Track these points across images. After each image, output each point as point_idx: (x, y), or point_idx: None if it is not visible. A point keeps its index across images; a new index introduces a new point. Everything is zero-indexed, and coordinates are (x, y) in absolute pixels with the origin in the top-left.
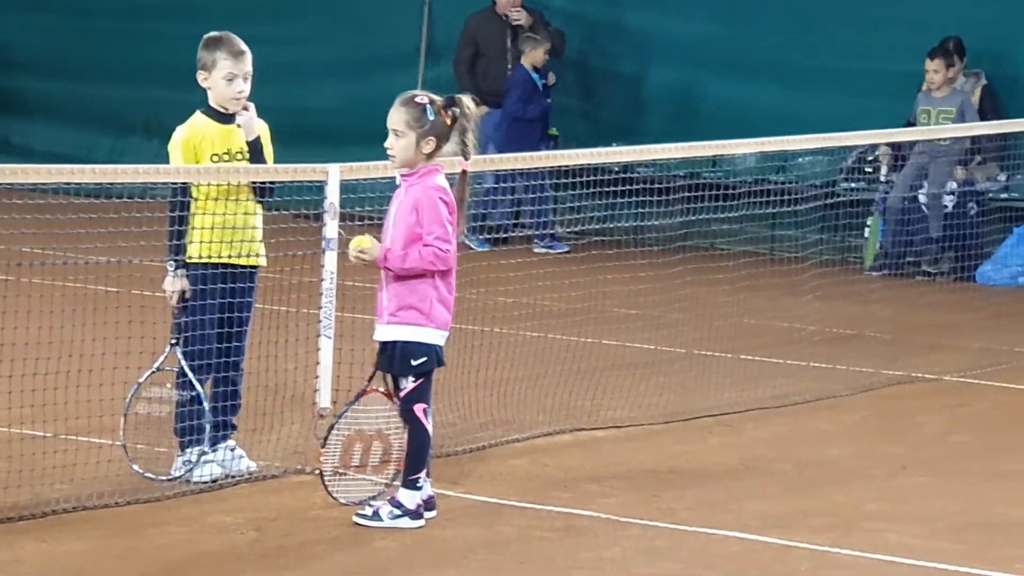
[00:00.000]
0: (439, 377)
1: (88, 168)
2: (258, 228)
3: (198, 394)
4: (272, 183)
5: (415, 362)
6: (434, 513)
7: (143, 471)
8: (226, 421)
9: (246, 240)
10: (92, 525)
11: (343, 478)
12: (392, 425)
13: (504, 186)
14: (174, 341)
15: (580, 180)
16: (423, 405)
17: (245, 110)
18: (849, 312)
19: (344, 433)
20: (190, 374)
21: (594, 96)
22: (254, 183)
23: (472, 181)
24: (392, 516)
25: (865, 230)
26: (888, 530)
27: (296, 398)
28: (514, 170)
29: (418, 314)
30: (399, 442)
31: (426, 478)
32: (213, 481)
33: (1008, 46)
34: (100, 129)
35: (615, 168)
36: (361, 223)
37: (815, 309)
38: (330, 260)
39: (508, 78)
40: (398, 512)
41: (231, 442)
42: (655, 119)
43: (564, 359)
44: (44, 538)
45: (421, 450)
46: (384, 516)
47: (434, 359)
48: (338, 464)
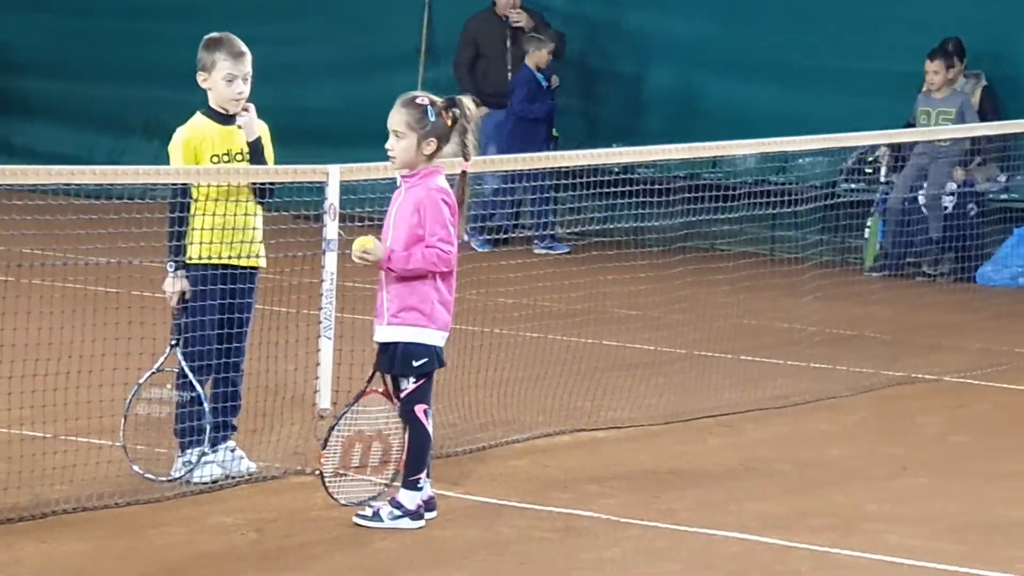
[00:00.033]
0: (439, 378)
1: (88, 169)
2: (258, 229)
3: (198, 395)
4: (272, 184)
5: (416, 363)
6: (434, 514)
7: (143, 472)
8: (226, 422)
9: (246, 241)
10: (92, 526)
11: (343, 479)
12: (392, 425)
13: (506, 187)
14: (174, 342)
15: (580, 181)
16: (424, 406)
17: (245, 111)
18: (849, 313)
19: (344, 434)
20: (190, 375)
21: (594, 97)
22: (254, 184)
23: (472, 182)
24: (392, 517)
25: (865, 231)
26: (888, 531)
27: (296, 399)
28: (515, 171)
29: (419, 315)
30: (398, 442)
31: (426, 479)
32: (213, 482)
33: (1008, 47)
34: (100, 130)
35: (615, 169)
36: (361, 224)
37: (815, 310)
38: (330, 261)
39: (513, 78)
40: (398, 513)
41: (231, 443)
42: (655, 120)
43: (564, 360)
44: (44, 539)
45: (421, 451)
46: (384, 517)
47: (435, 360)
48: (338, 465)
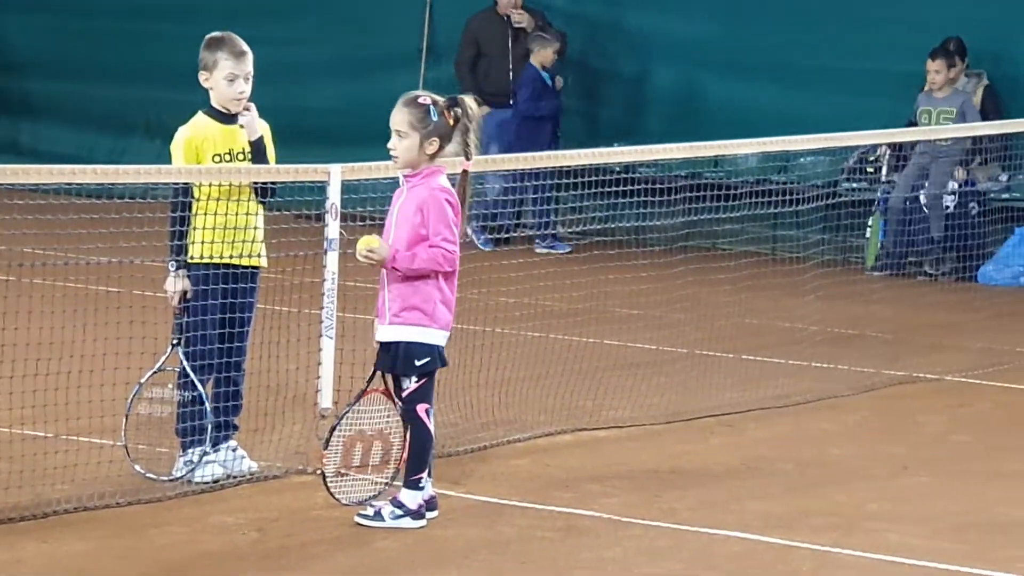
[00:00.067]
0: (441, 377)
1: (89, 168)
2: (260, 228)
3: (200, 394)
4: (274, 183)
5: (419, 362)
6: (436, 513)
7: (144, 471)
8: (227, 421)
9: (247, 240)
10: (93, 525)
11: (345, 479)
12: (392, 424)
13: (514, 186)
14: (175, 341)
15: (582, 180)
16: (425, 405)
17: (246, 111)
18: (851, 312)
19: (345, 434)
20: (192, 374)
21: (595, 96)
22: (256, 183)
23: (474, 181)
24: (394, 516)
25: (867, 230)
26: (890, 530)
27: (298, 398)
28: (517, 170)
29: (422, 315)
30: (399, 441)
31: (428, 478)
32: (215, 481)
33: (1009, 46)
34: (101, 129)
35: (616, 168)
36: (363, 223)
37: (817, 309)
38: (332, 260)
39: (514, 77)
40: (400, 512)
41: (232, 442)
42: (656, 119)
43: (566, 359)
44: (45, 538)
45: (423, 450)
46: (386, 516)
47: (437, 359)
48: (340, 465)
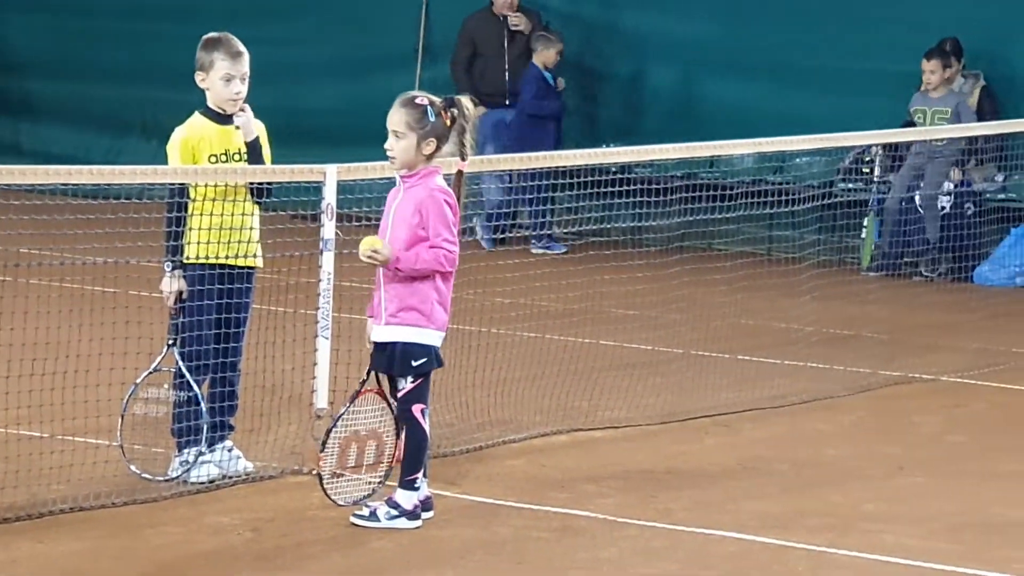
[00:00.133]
0: (436, 377)
1: (86, 169)
2: (255, 229)
3: (195, 395)
4: (269, 184)
5: (415, 363)
6: (431, 514)
7: (140, 472)
8: (223, 422)
9: (243, 241)
10: (89, 526)
11: (340, 479)
12: (385, 423)
13: (510, 186)
14: (171, 342)
15: (578, 180)
16: (421, 406)
17: (242, 111)
18: (846, 313)
19: (341, 435)
20: (187, 375)
21: (592, 97)
22: (252, 184)
23: (470, 181)
24: (389, 517)
25: (862, 231)
26: (885, 530)
27: (293, 399)
28: (512, 171)
29: (419, 315)
30: (391, 439)
31: (423, 478)
32: (210, 482)
33: (1007, 47)
34: (98, 129)
35: (613, 168)
36: (359, 224)
37: (812, 310)
38: (327, 261)
39: (515, 76)
40: (395, 513)
41: (228, 443)
42: (653, 119)
43: (561, 360)
44: (41, 539)
45: (419, 451)
46: (381, 516)
47: (433, 360)
48: (336, 466)
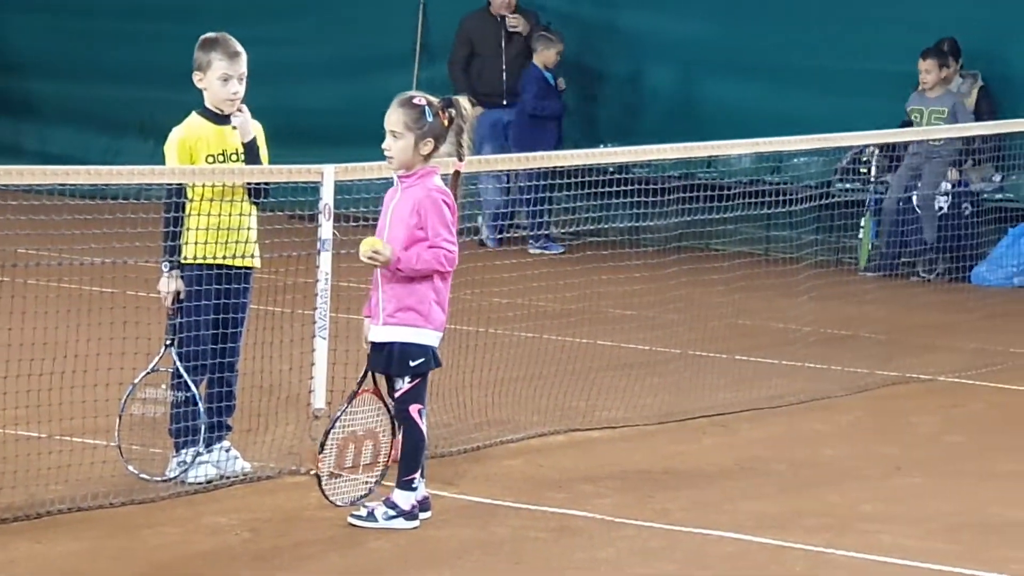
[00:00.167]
0: (434, 378)
1: (83, 169)
2: (253, 229)
3: (193, 395)
4: (267, 184)
5: (413, 363)
6: (429, 514)
7: (138, 472)
8: (221, 422)
9: (241, 241)
10: (87, 526)
11: (338, 480)
12: (381, 422)
13: (507, 186)
14: (169, 342)
15: (575, 181)
16: (418, 406)
17: (239, 111)
18: (844, 313)
19: (339, 436)
20: (185, 375)
21: (590, 97)
22: (249, 184)
23: (465, 182)
24: (387, 517)
25: (860, 231)
26: (883, 531)
27: (291, 399)
28: (510, 171)
29: (417, 316)
30: (387, 439)
31: (421, 479)
32: (208, 482)
33: (1005, 47)
34: (95, 129)
35: (610, 169)
36: (356, 224)
37: (810, 310)
38: (325, 261)
39: (513, 77)
40: (393, 513)
41: (226, 443)
42: (651, 120)
43: (559, 360)
44: (39, 539)
45: (416, 451)
46: (379, 517)
47: (431, 360)
48: (334, 467)
